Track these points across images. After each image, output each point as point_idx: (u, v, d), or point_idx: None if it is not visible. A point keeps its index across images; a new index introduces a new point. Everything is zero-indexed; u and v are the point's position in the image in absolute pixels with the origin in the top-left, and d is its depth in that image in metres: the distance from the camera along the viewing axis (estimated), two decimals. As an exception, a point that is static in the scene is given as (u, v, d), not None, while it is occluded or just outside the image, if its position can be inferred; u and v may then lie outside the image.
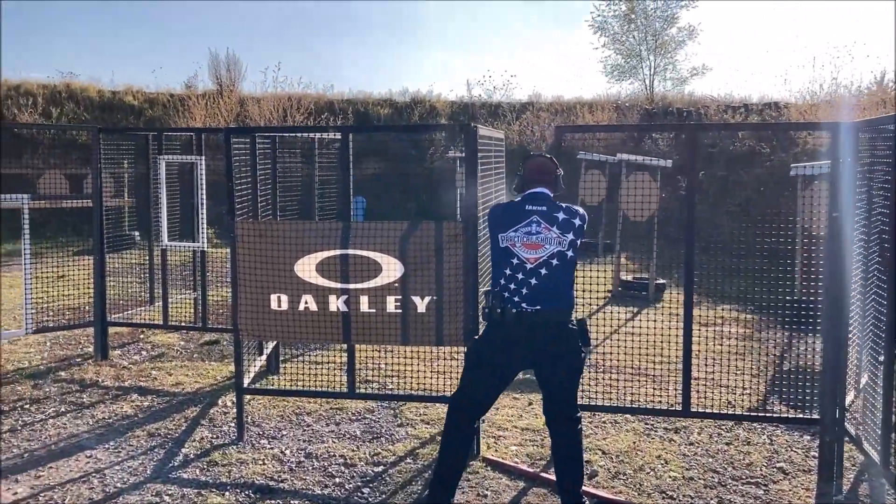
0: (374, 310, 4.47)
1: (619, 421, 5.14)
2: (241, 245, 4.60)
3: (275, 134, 6.57)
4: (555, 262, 3.57)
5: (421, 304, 4.40)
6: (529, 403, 5.44)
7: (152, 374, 6.26)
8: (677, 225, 11.23)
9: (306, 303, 4.54)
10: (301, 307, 4.55)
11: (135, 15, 40.23)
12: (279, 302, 4.57)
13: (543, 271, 3.56)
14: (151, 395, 5.71)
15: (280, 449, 4.66)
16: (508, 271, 3.61)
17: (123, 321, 7.40)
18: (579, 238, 3.65)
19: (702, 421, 5.05)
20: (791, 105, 16.93)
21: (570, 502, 3.63)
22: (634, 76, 24.95)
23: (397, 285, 4.42)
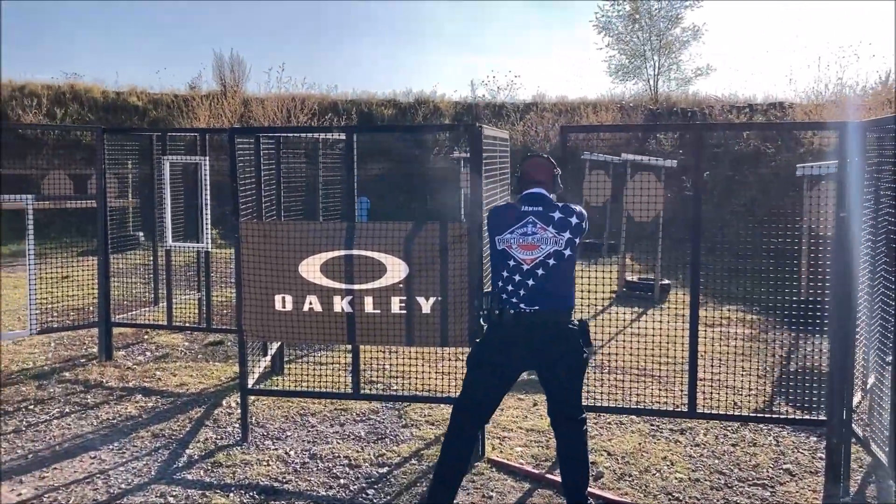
0: (379, 310, 4.45)
1: (625, 422, 5.12)
2: (246, 245, 4.59)
3: (279, 134, 6.56)
4: (552, 262, 3.55)
5: (426, 305, 4.39)
6: (534, 404, 5.43)
7: (156, 375, 6.26)
8: (682, 225, 11.20)
9: (311, 303, 4.52)
10: (305, 308, 4.54)
11: (139, 16, 40.34)
12: (283, 303, 4.56)
13: (540, 272, 3.54)
14: (155, 396, 5.70)
15: (284, 450, 4.65)
16: (506, 273, 3.60)
17: (127, 322, 7.41)
18: (577, 237, 3.62)
19: (707, 422, 5.03)
20: (796, 105, 16.89)
21: None
22: (638, 76, 24.90)
23: (402, 286, 4.40)
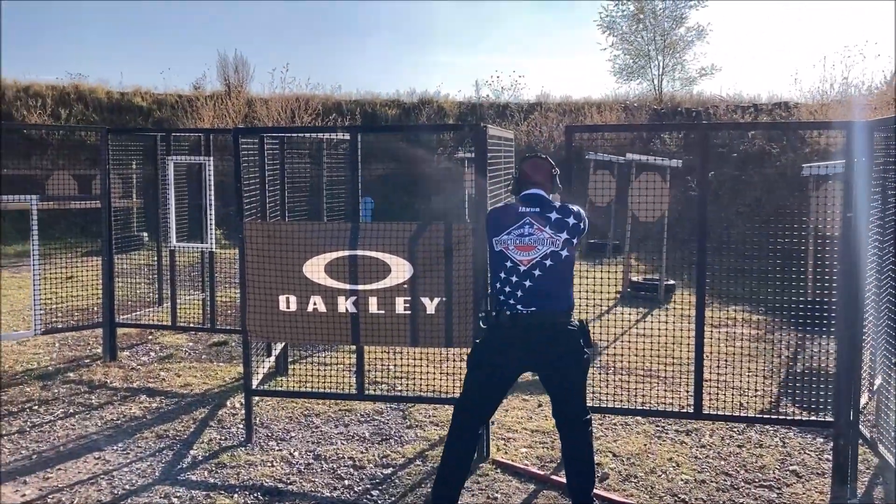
0: (383, 311, 4.44)
1: (630, 423, 5.09)
2: (250, 246, 4.59)
3: (283, 134, 6.56)
4: (548, 263, 3.53)
5: (430, 306, 4.38)
6: (539, 405, 5.41)
7: (161, 376, 6.26)
8: (687, 225, 11.17)
9: (315, 304, 4.51)
10: (310, 308, 4.53)
11: (143, 17, 40.47)
12: (288, 303, 4.55)
13: (537, 272, 3.53)
14: (160, 397, 5.70)
15: (288, 451, 4.65)
16: (503, 274, 3.59)
17: (132, 322, 7.41)
18: (575, 237, 3.60)
19: (713, 423, 5.00)
20: (801, 105, 16.83)
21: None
22: (643, 76, 24.90)
23: (406, 286, 4.39)
